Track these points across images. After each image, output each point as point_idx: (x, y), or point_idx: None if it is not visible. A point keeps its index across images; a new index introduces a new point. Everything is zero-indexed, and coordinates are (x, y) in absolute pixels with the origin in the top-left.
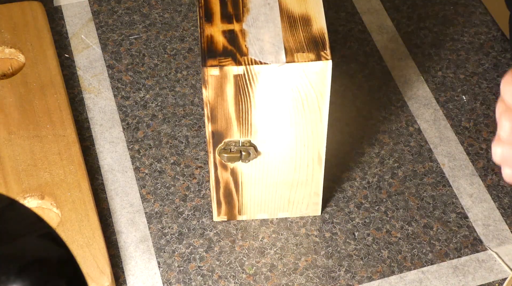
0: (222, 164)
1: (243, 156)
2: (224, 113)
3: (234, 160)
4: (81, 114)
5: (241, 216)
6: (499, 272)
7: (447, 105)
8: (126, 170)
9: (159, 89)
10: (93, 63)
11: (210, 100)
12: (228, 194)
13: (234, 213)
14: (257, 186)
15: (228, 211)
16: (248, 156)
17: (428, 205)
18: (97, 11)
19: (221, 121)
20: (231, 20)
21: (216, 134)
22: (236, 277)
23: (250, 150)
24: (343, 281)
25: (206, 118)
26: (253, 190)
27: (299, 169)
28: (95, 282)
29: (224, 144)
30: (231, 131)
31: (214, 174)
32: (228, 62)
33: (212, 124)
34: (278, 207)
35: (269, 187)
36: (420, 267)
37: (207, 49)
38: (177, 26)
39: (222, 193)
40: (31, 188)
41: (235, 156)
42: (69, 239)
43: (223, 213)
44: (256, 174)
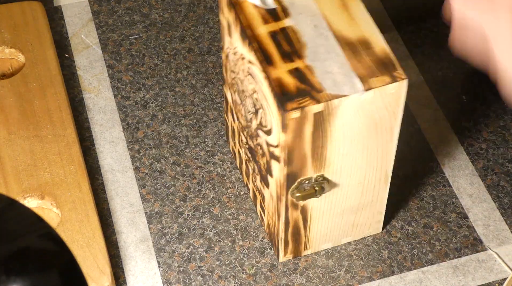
0: (293, 204)
1: (317, 191)
2: (300, 153)
3: (309, 197)
4: (81, 114)
5: (306, 251)
6: (499, 272)
7: (447, 105)
8: (126, 170)
9: (159, 89)
10: (93, 63)
11: (289, 144)
12: (296, 232)
13: (300, 249)
14: (324, 218)
15: (294, 248)
16: (322, 190)
17: (428, 205)
18: (97, 11)
19: (297, 162)
20: (291, 58)
21: (290, 176)
22: (236, 277)
23: (324, 184)
24: (343, 281)
25: (282, 162)
26: (321, 222)
27: (366, 192)
28: (95, 282)
29: (297, 183)
30: (305, 169)
31: (284, 216)
32: (307, 102)
33: (288, 167)
34: (342, 233)
35: (336, 217)
36: (420, 267)
37: (281, 93)
38: (177, 26)
39: (290, 232)
40: (31, 188)
41: (309, 193)
42: (69, 239)
43: (289, 252)
44: (325, 206)
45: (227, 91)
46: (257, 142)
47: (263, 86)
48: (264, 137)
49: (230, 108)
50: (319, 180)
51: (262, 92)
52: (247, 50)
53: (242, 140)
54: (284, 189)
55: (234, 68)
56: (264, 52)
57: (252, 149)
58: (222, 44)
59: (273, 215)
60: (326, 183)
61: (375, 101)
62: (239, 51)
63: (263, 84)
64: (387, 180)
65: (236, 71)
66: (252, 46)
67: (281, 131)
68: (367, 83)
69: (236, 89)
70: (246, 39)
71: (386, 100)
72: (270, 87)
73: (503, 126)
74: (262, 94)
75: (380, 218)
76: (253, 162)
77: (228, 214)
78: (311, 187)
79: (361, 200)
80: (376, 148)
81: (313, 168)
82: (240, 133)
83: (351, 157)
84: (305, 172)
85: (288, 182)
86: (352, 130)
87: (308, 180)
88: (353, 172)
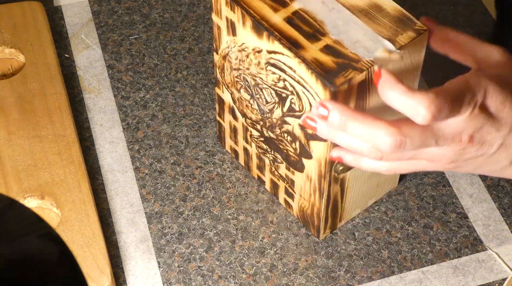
0: (335, 179)
1: None
2: None
3: (350, 168)
4: (81, 114)
5: (340, 222)
6: (499, 272)
7: None
8: (126, 170)
9: (159, 89)
10: (93, 63)
11: None
12: (335, 206)
13: (336, 222)
14: (357, 184)
15: (332, 223)
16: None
17: (428, 205)
18: (97, 11)
19: None
20: (317, 37)
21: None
22: (236, 277)
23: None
24: (343, 281)
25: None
26: (354, 190)
27: None
28: (95, 282)
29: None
30: None
31: (327, 193)
32: (352, 74)
33: (333, 143)
34: (368, 196)
35: (366, 181)
36: (420, 267)
37: (323, 73)
38: (177, 26)
39: (331, 208)
40: (31, 188)
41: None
42: (69, 239)
43: (328, 227)
44: (357, 173)
45: (222, 92)
46: (283, 130)
47: (297, 71)
48: (296, 122)
49: (228, 108)
50: None
51: (294, 78)
52: (267, 41)
53: (252, 135)
54: (329, 165)
55: (239, 66)
56: (288, 39)
57: (273, 139)
58: (216, 46)
59: (310, 197)
60: None
61: (403, 58)
62: (251, 46)
63: (296, 69)
64: None
65: (244, 68)
66: (275, 36)
67: None
68: (396, 42)
69: (242, 86)
70: (263, 31)
71: (412, 53)
72: (310, 69)
73: None
74: (295, 80)
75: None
76: (272, 152)
77: (228, 214)
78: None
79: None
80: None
81: None
82: (248, 129)
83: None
84: None
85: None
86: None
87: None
88: None
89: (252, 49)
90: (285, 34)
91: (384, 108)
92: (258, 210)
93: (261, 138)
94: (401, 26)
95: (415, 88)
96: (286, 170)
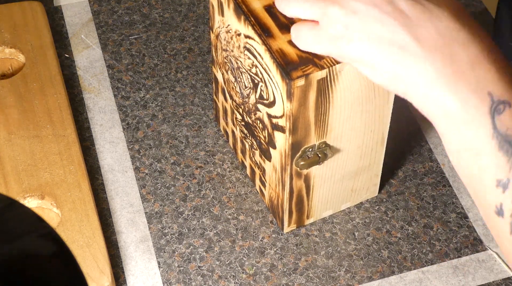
0: (297, 173)
1: (321, 158)
2: (304, 121)
3: (312, 164)
4: (81, 114)
5: (308, 220)
6: (499, 272)
7: None
8: (126, 170)
9: (159, 89)
10: (93, 63)
11: (294, 112)
12: (300, 201)
13: (303, 218)
14: (326, 184)
15: (297, 218)
16: (325, 157)
17: (428, 205)
18: (97, 11)
19: (301, 130)
20: (290, 28)
21: (295, 145)
22: (236, 277)
23: (326, 150)
24: (343, 281)
25: (287, 131)
26: (322, 189)
27: (364, 156)
28: (95, 282)
29: (301, 152)
30: (309, 137)
31: (289, 186)
32: (311, 69)
33: (293, 136)
34: (341, 199)
35: (336, 183)
36: (420, 267)
37: (284, 63)
38: (177, 26)
39: (294, 202)
40: (31, 188)
41: (313, 160)
42: (69, 239)
43: (293, 222)
44: (327, 172)
45: (217, 71)
46: (256, 116)
47: (264, 59)
48: (264, 110)
49: (221, 88)
50: (322, 146)
51: (262, 65)
52: (244, 25)
53: (236, 118)
54: (289, 158)
55: (226, 47)
56: (262, 26)
57: (250, 125)
58: (211, 24)
59: (276, 187)
60: (329, 149)
61: None
62: (234, 28)
63: (264, 57)
64: (383, 142)
65: (230, 49)
66: (249, 21)
67: (286, 101)
68: None
69: (229, 68)
70: (241, 15)
71: None
72: (273, 58)
73: None
74: (263, 67)
75: (377, 180)
76: (250, 137)
77: (228, 214)
78: (314, 155)
79: (360, 164)
80: (374, 110)
81: (316, 135)
82: (234, 112)
83: (351, 121)
84: (309, 140)
85: (293, 151)
86: (352, 94)
87: (311, 147)
88: (352, 136)
89: (234, 31)
90: (260, 21)
91: (350, 107)
92: (258, 210)
93: (242, 123)
94: None
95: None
96: (259, 157)
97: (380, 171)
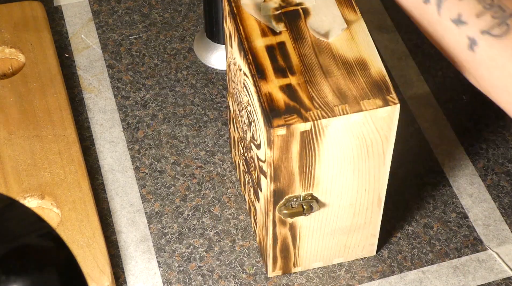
0: (281, 220)
1: (305, 210)
2: (287, 170)
3: (296, 215)
4: (81, 114)
5: (295, 268)
6: (499, 272)
7: (447, 105)
8: (126, 170)
9: (159, 89)
10: (93, 63)
11: (275, 160)
12: (285, 248)
13: (290, 266)
14: (314, 236)
15: (283, 265)
16: (310, 209)
17: (428, 205)
18: (97, 11)
19: (284, 179)
20: (285, 74)
21: (277, 192)
22: (236, 277)
23: (312, 203)
24: (343, 281)
25: (269, 178)
26: (311, 241)
27: (358, 214)
28: (95, 282)
29: (285, 200)
30: (293, 187)
31: (272, 231)
32: (294, 120)
33: (274, 183)
34: (333, 254)
35: (326, 236)
36: (420, 267)
37: (269, 109)
38: (177, 26)
39: (279, 249)
40: (31, 187)
41: (297, 211)
42: (69, 239)
43: (278, 268)
44: (315, 225)
45: (229, 100)
46: (251, 155)
47: (254, 100)
48: (255, 151)
49: (232, 117)
50: (308, 198)
51: (254, 105)
52: (243, 62)
53: (240, 151)
54: (271, 204)
55: (234, 78)
56: (258, 66)
57: (248, 161)
58: (226, 52)
59: (262, 230)
60: (315, 202)
61: (366, 123)
62: (238, 62)
63: (254, 98)
64: (380, 203)
65: (236, 82)
66: (247, 59)
67: (267, 147)
68: (357, 105)
69: (236, 100)
70: (242, 51)
71: (378, 123)
72: (259, 101)
73: (503, 126)
74: (254, 108)
75: (374, 240)
76: (248, 173)
77: (228, 214)
78: (299, 205)
79: (353, 221)
80: (368, 170)
81: (302, 186)
82: (238, 144)
83: (342, 178)
84: (293, 189)
85: (275, 198)
86: (342, 151)
87: (296, 197)
88: (343, 193)
89: (237, 65)
90: (257, 60)
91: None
92: None
93: (243, 157)
94: (374, 91)
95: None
96: (253, 195)
97: (377, 231)
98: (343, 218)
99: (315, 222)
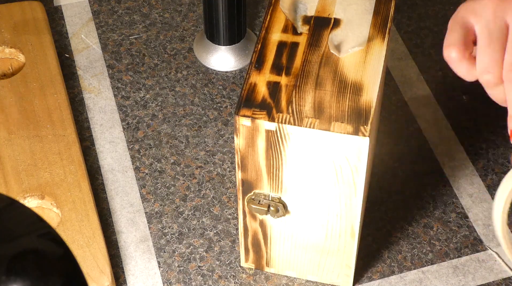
0: (251, 213)
1: (271, 211)
2: (254, 164)
3: (261, 212)
4: (81, 114)
5: (269, 268)
6: (499, 272)
7: (447, 105)
8: (126, 170)
9: (159, 89)
10: (93, 63)
11: (241, 149)
12: (256, 243)
13: (262, 263)
14: (286, 243)
15: (256, 260)
16: (276, 212)
17: (428, 205)
18: (97, 11)
19: (251, 171)
20: (280, 72)
21: (246, 183)
22: (236, 277)
23: (279, 206)
24: None
25: (236, 165)
26: (282, 246)
27: (331, 238)
28: (95, 282)
29: (254, 194)
30: (261, 183)
31: (242, 221)
32: (261, 116)
33: (242, 172)
34: (307, 269)
35: (298, 248)
36: (420, 267)
37: (245, 98)
38: (177, 26)
39: (250, 241)
40: (31, 187)
41: (263, 209)
42: (69, 239)
43: (251, 260)
44: (286, 232)
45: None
46: None
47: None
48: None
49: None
50: (276, 200)
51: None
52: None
53: None
54: (241, 193)
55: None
56: (260, 56)
57: None
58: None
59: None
60: (282, 206)
61: (333, 146)
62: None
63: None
64: (353, 234)
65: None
66: (256, 46)
67: (235, 133)
68: (327, 124)
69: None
70: (257, 38)
71: (347, 151)
72: (241, 88)
73: (503, 126)
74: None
75: (349, 272)
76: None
77: (228, 214)
78: (265, 204)
79: (326, 244)
80: (339, 196)
81: (270, 186)
82: None
83: (311, 194)
84: (261, 186)
85: (244, 188)
86: (308, 165)
87: (265, 196)
88: (313, 210)
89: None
90: (263, 51)
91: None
92: None
93: None
94: (352, 117)
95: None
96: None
97: (352, 264)
98: (315, 237)
99: (286, 229)
